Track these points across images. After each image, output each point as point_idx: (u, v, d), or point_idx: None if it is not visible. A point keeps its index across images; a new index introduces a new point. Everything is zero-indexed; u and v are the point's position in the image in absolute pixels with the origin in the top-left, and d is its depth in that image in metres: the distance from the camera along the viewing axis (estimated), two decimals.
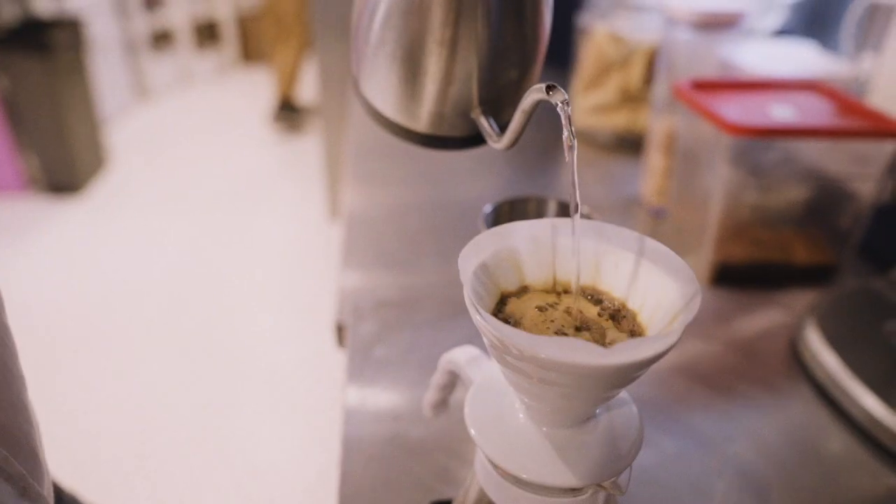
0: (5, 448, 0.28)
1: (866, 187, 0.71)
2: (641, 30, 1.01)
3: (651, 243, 0.30)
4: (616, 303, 0.31)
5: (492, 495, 0.31)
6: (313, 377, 1.59)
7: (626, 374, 0.25)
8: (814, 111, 0.68)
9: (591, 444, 0.30)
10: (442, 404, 0.41)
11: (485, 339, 0.28)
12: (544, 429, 0.30)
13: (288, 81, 2.90)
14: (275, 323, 1.78)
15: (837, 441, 0.50)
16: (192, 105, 3.35)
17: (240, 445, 1.40)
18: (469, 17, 0.32)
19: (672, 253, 0.29)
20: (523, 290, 0.31)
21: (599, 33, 1.05)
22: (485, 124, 0.35)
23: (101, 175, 2.54)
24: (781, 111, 0.67)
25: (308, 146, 2.88)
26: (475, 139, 0.37)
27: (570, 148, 0.29)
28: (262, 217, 2.31)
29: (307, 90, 3.23)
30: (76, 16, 2.41)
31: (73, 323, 1.74)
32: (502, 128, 0.34)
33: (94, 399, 1.50)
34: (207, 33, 3.82)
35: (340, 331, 0.63)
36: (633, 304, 0.30)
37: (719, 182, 0.69)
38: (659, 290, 0.29)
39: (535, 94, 0.30)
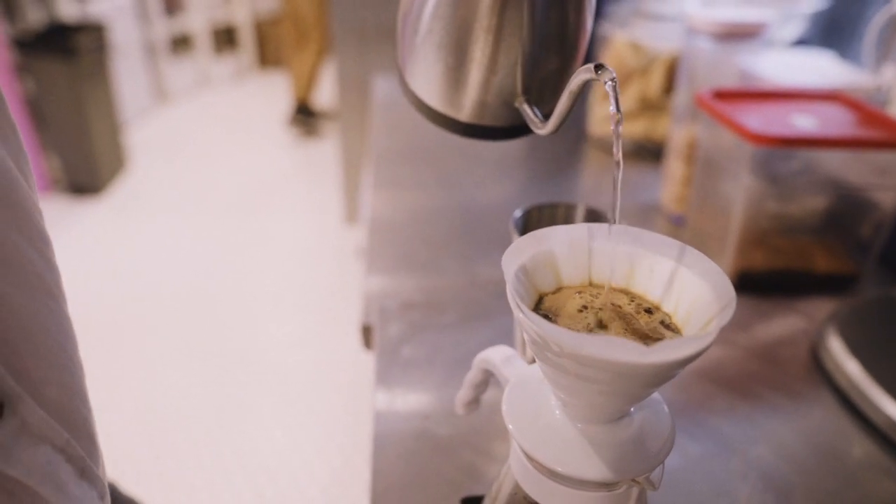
0: (68, 431, 0.30)
1: (888, 197, 0.72)
2: (661, 38, 1.02)
3: (689, 251, 0.31)
4: (651, 304, 0.32)
5: (527, 490, 0.32)
6: (330, 380, 1.60)
7: (665, 373, 0.26)
8: (835, 121, 0.69)
9: (625, 440, 0.31)
10: (474, 402, 0.42)
11: (525, 336, 0.29)
12: (579, 425, 0.31)
13: (305, 86, 2.93)
14: (291, 326, 1.80)
15: (859, 447, 0.50)
16: (210, 109, 3.39)
17: (256, 447, 1.41)
18: (515, 4, 0.33)
19: (709, 260, 0.30)
20: (559, 291, 0.32)
21: (619, 41, 1.06)
22: (528, 111, 0.36)
23: (122, 176, 2.58)
24: (803, 121, 0.68)
25: (325, 151, 2.90)
26: (516, 130, 0.38)
27: (618, 122, 0.30)
28: (279, 220, 2.34)
29: (324, 95, 3.26)
30: (99, 20, 2.45)
31: (93, 323, 1.77)
32: (545, 116, 0.35)
33: (112, 399, 1.53)
34: (225, 38, 3.86)
35: (367, 332, 0.65)
36: (667, 308, 0.31)
37: (740, 190, 0.70)
38: (694, 294, 0.30)
39: (583, 74, 0.31)
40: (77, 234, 2.19)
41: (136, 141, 2.88)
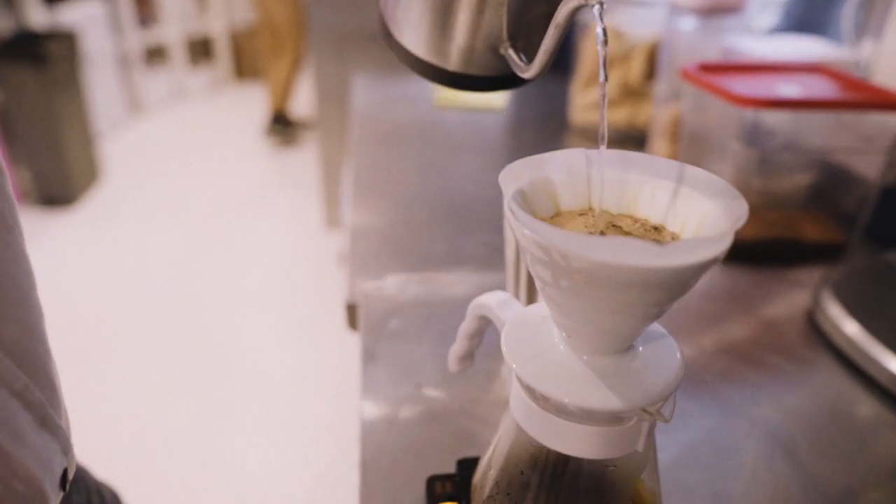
0: (25, 373, 0.27)
1: (871, 171, 0.72)
2: (641, 24, 1.02)
3: (691, 170, 0.30)
4: (657, 225, 0.30)
5: (532, 432, 0.30)
6: (312, 384, 1.57)
7: (680, 280, 0.24)
8: (820, 89, 0.68)
9: (634, 371, 0.29)
10: (468, 358, 0.40)
11: (528, 257, 0.27)
12: (585, 357, 0.29)
13: (281, 95, 2.91)
14: (273, 331, 1.76)
15: (862, 404, 0.49)
16: (185, 120, 3.35)
17: (238, 453, 1.37)
18: None
19: (714, 176, 0.29)
20: (558, 216, 0.31)
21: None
22: (514, 56, 0.34)
23: (95, 188, 2.53)
24: (788, 89, 0.67)
25: (302, 159, 2.88)
26: (504, 80, 0.37)
27: (604, 43, 0.29)
28: (259, 228, 2.30)
29: (301, 104, 3.24)
30: (71, 29, 2.41)
31: (67, 335, 1.72)
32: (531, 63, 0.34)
33: (91, 407, 1.47)
34: (201, 49, 3.83)
35: (352, 311, 0.62)
36: (673, 229, 0.30)
37: (728, 161, 0.69)
38: (701, 212, 0.28)
39: (570, 2, 0.29)
40: (50, 246, 2.13)
41: (111, 153, 2.83)
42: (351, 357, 1.64)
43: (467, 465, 0.39)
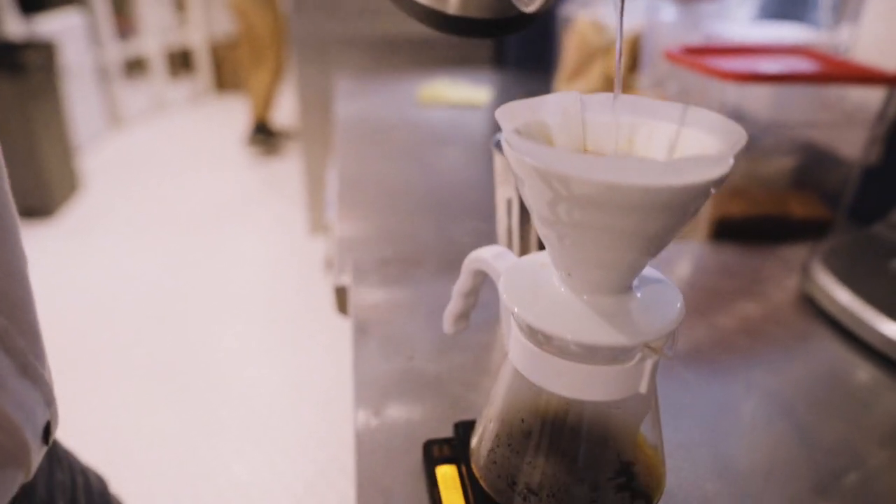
0: (6, 318, 0.26)
1: (854, 150, 0.72)
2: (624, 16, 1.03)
3: (692, 109, 0.29)
4: None
5: (532, 377, 0.30)
6: (299, 392, 1.55)
7: (682, 201, 0.24)
8: (802, 66, 0.69)
9: (634, 309, 0.28)
10: (463, 318, 0.39)
11: (526, 192, 0.27)
12: (585, 297, 0.29)
13: (263, 104, 2.89)
14: (258, 340, 1.74)
15: (856, 366, 0.49)
16: (165, 132, 3.32)
17: (224, 463, 1.34)
18: None
19: (714, 113, 0.29)
20: None
21: (582, 22, 1.06)
22: None
23: (74, 200, 2.49)
24: (771, 66, 0.68)
25: (284, 169, 2.86)
26: (504, 23, 0.36)
27: None
28: (242, 237, 2.28)
29: (283, 115, 3.23)
30: (49, 39, 2.38)
31: (47, 348, 1.68)
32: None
33: (71, 423, 1.44)
34: (181, 61, 3.81)
35: (341, 294, 0.61)
36: None
37: None
38: (699, 147, 0.28)
39: None
40: (28, 257, 2.09)
41: (90, 165, 2.79)
42: (337, 363, 1.63)
43: (464, 428, 0.38)
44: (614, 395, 0.29)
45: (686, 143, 0.29)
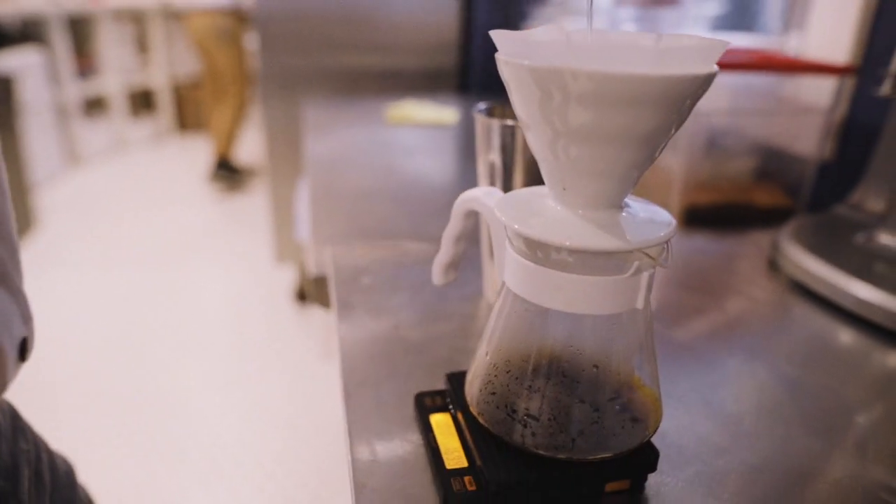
0: None
1: (808, 150, 0.76)
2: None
3: (666, 35, 0.30)
4: None
5: (530, 297, 0.30)
6: (265, 423, 1.50)
7: (675, 95, 0.25)
8: (757, 59, 0.73)
9: (629, 221, 0.29)
10: (452, 268, 0.39)
11: (520, 102, 0.27)
12: (580, 211, 0.29)
13: (225, 140, 2.88)
14: (220, 373, 1.69)
15: (828, 326, 0.51)
16: (126, 171, 3.27)
17: (189, 499, 1.29)
18: None
19: (691, 34, 0.30)
20: None
21: None
22: None
23: (29, 237, 2.42)
24: (729, 58, 0.71)
25: (248, 203, 2.84)
26: None
27: None
28: (203, 272, 2.23)
29: (246, 152, 3.22)
30: (7, 74, 2.35)
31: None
32: None
33: None
34: (143, 101, 3.79)
35: (320, 283, 0.61)
36: None
37: (678, 147, 0.72)
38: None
39: None
40: None
41: (47, 202, 2.73)
42: (304, 392, 1.59)
43: (457, 379, 0.37)
44: (612, 308, 0.29)
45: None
